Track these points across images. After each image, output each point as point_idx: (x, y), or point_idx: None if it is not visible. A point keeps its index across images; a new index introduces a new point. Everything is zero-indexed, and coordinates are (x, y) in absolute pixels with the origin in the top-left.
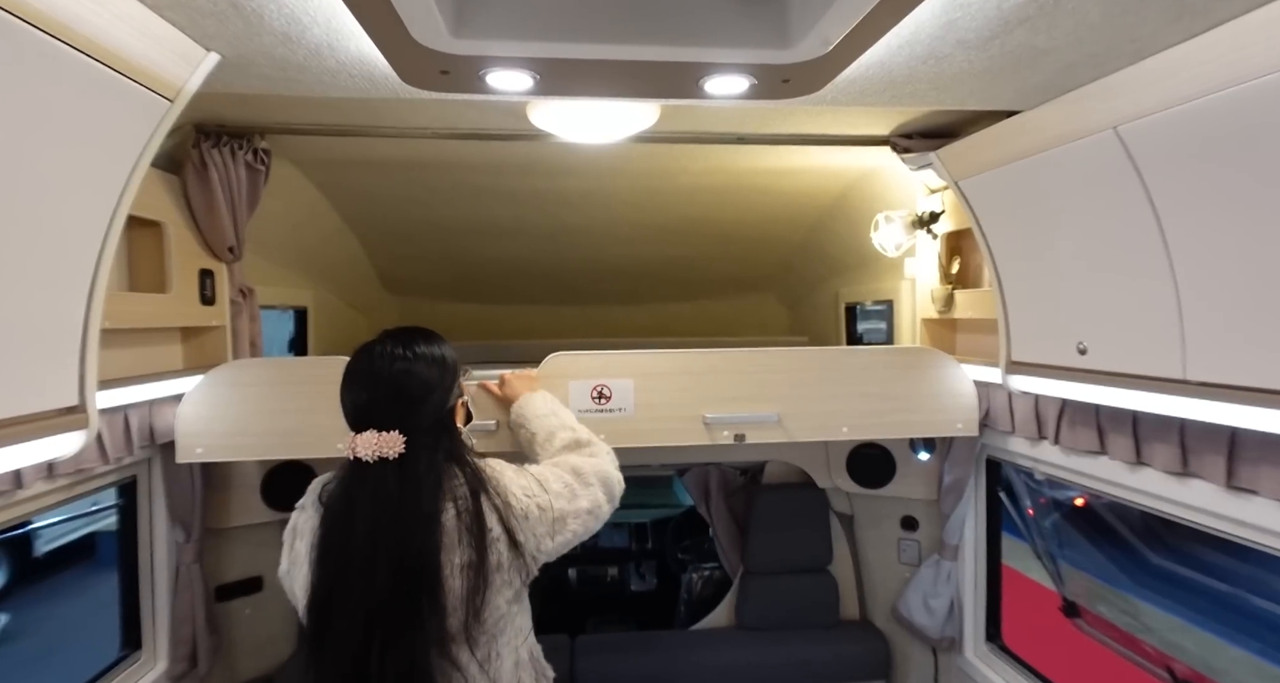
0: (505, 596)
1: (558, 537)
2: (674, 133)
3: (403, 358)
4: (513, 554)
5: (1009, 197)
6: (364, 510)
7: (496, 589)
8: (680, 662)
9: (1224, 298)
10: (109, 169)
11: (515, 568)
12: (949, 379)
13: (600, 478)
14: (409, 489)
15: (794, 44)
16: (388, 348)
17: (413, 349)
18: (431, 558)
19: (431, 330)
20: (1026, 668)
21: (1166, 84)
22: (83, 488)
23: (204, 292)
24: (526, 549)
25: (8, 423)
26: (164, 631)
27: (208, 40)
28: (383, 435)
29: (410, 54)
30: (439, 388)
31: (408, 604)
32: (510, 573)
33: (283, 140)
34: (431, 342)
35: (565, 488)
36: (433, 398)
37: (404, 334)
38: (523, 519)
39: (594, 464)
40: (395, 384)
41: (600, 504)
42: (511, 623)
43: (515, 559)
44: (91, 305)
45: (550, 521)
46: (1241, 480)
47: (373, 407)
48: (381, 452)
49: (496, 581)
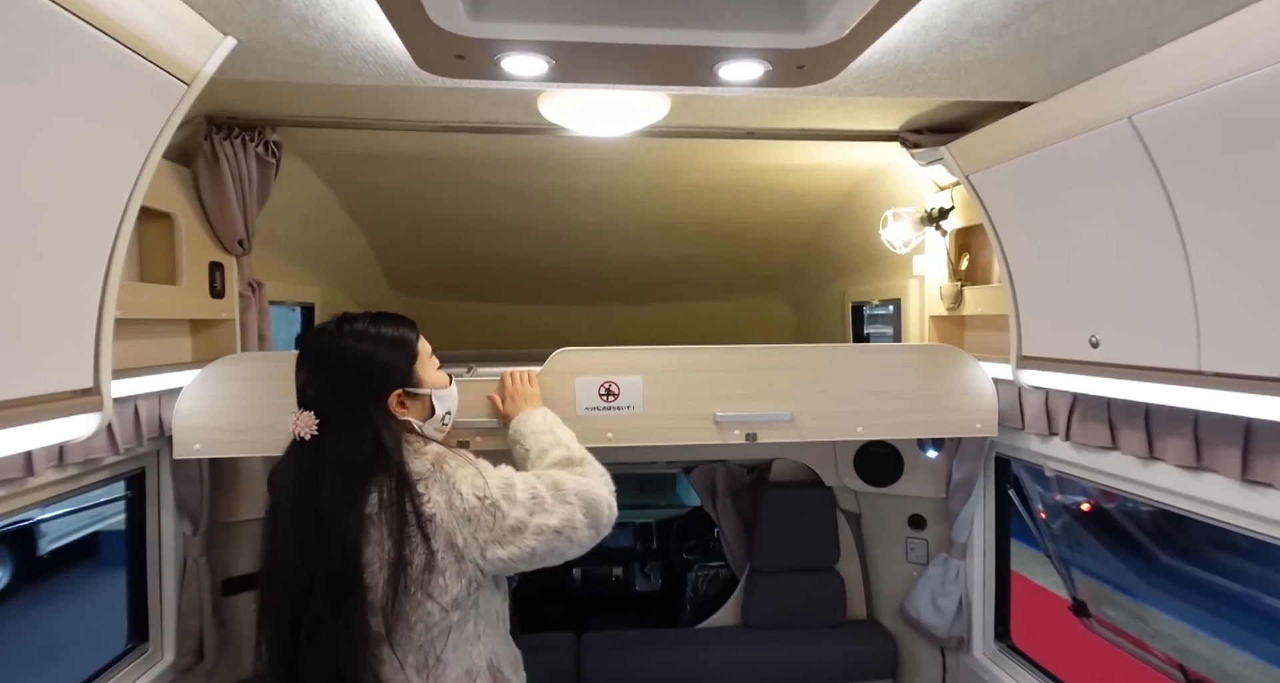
0: (442, 601)
1: (509, 547)
2: (683, 127)
3: (333, 335)
4: (451, 557)
5: (1021, 190)
6: (287, 489)
7: (430, 592)
8: (686, 660)
9: (1240, 287)
10: (126, 152)
11: (455, 573)
12: (967, 377)
13: (583, 498)
14: (324, 472)
15: (810, 28)
16: (329, 325)
17: (349, 327)
18: (349, 550)
19: (392, 315)
20: (1036, 668)
21: (1182, 72)
22: (92, 478)
23: (213, 284)
24: (468, 554)
25: (24, 403)
26: (171, 623)
27: (225, 23)
28: (302, 414)
29: (427, 37)
30: (367, 369)
31: (328, 596)
32: (449, 578)
33: (292, 134)
34: (379, 323)
35: (532, 498)
36: (357, 379)
37: (355, 315)
38: (463, 521)
39: (579, 483)
40: (319, 362)
41: (575, 525)
42: (459, 630)
43: (455, 563)
44: (107, 289)
45: (502, 528)
46: (1257, 474)
47: (300, 383)
48: (298, 431)
49: (430, 583)
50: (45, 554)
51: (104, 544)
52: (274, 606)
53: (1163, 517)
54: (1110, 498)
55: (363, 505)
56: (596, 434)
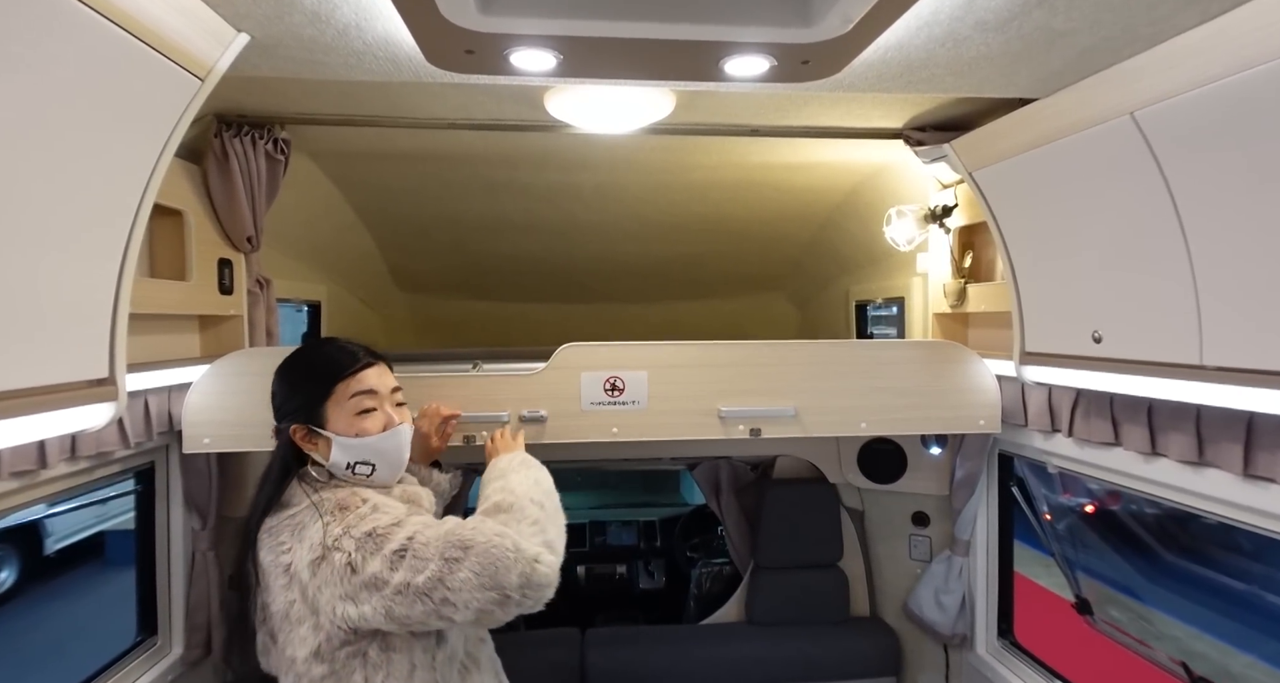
0: (301, 652)
1: (363, 607)
2: (688, 124)
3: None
4: (306, 608)
5: (1024, 186)
6: None
7: (290, 641)
8: (690, 656)
9: (1242, 282)
10: (141, 146)
11: (312, 626)
12: (970, 374)
13: (476, 551)
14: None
15: (815, 22)
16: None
17: (301, 350)
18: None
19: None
20: (1040, 665)
21: (1183, 68)
22: (103, 472)
23: (222, 281)
24: (320, 606)
25: (41, 392)
26: (179, 617)
27: (239, 20)
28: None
29: (437, 32)
30: (278, 395)
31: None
32: (306, 630)
33: (301, 132)
34: (314, 352)
35: (397, 551)
36: (274, 401)
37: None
38: (310, 571)
39: (480, 535)
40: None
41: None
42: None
43: (311, 615)
44: (122, 280)
45: (353, 583)
46: (1259, 468)
47: None
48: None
49: (290, 631)
50: (51, 554)
51: (109, 544)
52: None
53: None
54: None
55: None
56: (601, 429)
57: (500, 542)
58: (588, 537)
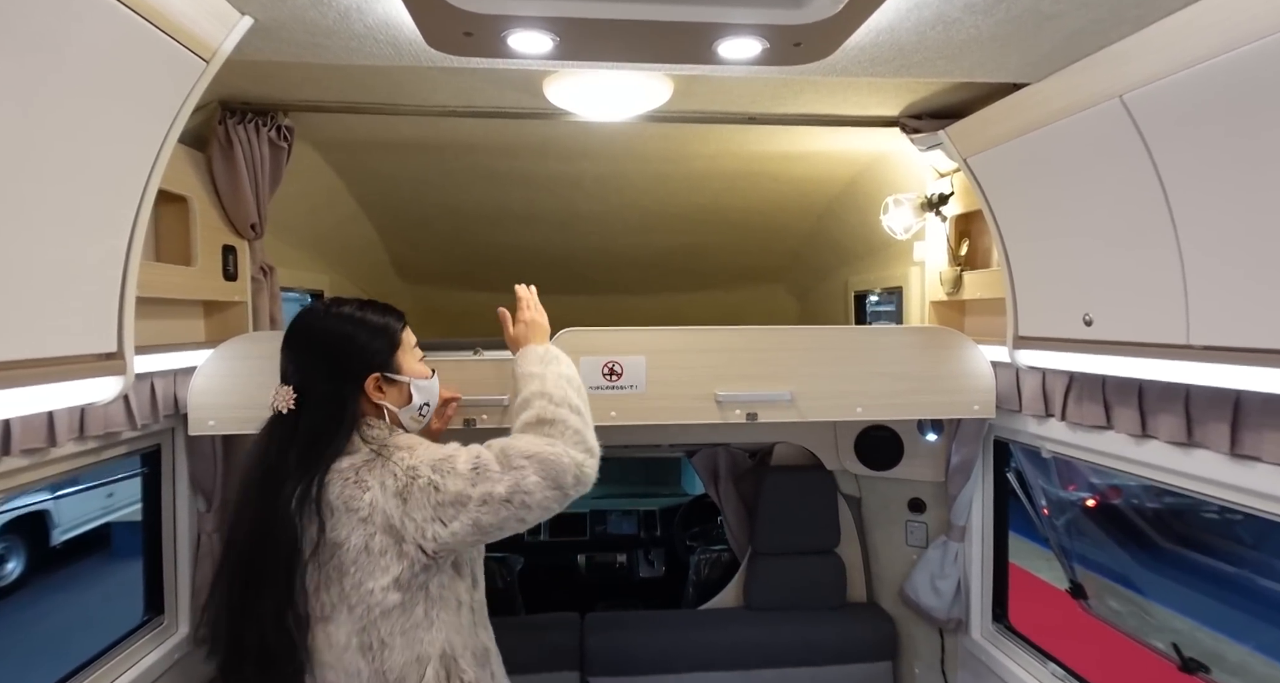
0: (381, 582)
1: (452, 523)
2: (686, 111)
3: (320, 314)
4: (389, 539)
5: (1017, 171)
6: (255, 462)
7: (369, 573)
8: (688, 640)
9: (1227, 262)
10: (148, 125)
11: (395, 554)
12: (965, 359)
13: (536, 460)
14: (292, 446)
15: (806, 3)
16: (318, 306)
17: (336, 308)
18: (296, 524)
19: (378, 303)
20: (1034, 648)
21: (1170, 50)
22: (110, 452)
23: (227, 267)
24: (406, 535)
25: (52, 362)
26: (185, 597)
27: (243, 3)
28: (281, 388)
29: (436, 14)
30: (348, 349)
31: (273, 564)
32: (388, 559)
33: (303, 120)
34: (365, 308)
35: (473, 469)
36: (338, 358)
37: (344, 299)
38: (399, 500)
39: (533, 446)
40: (304, 339)
41: (526, 488)
42: (404, 613)
43: (394, 545)
44: (129, 258)
45: (442, 503)
46: (1245, 448)
47: (283, 359)
48: (275, 404)
49: (369, 564)
50: (58, 545)
51: (115, 536)
52: (228, 567)
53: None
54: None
55: (318, 483)
56: (600, 413)
57: (553, 451)
58: (588, 526)
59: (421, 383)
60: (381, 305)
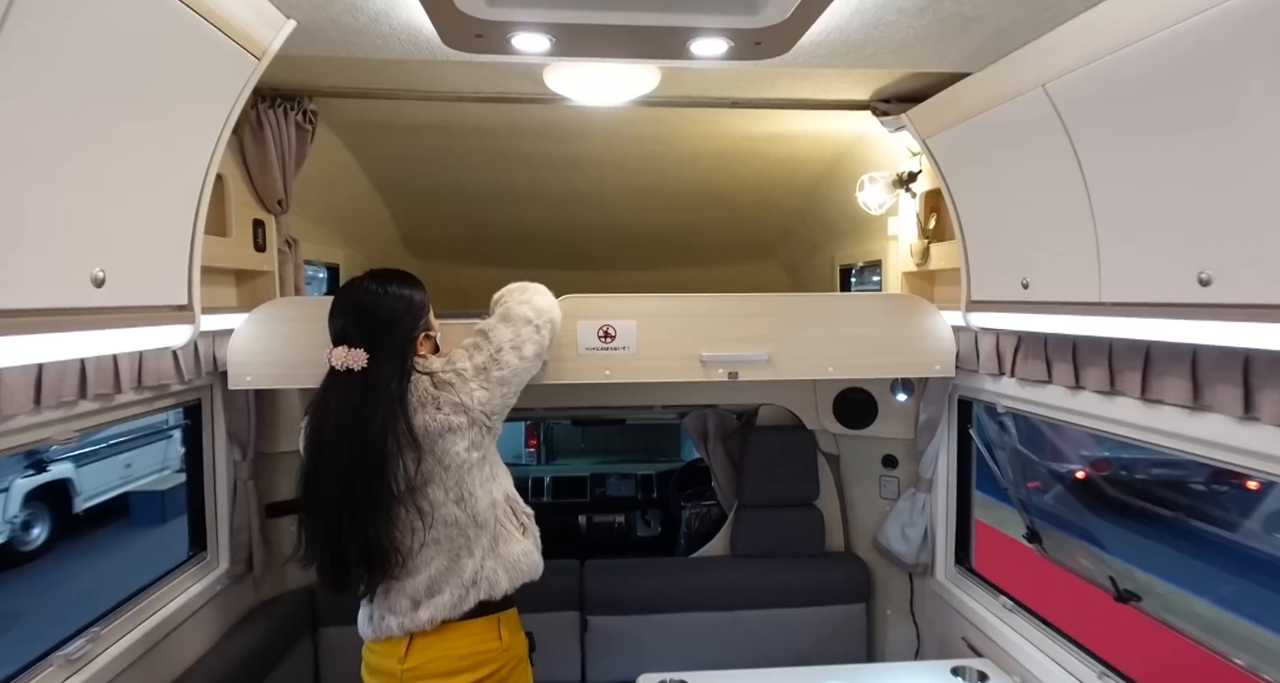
0: (460, 444)
1: (492, 387)
2: (673, 97)
3: (374, 293)
4: (461, 417)
5: (967, 152)
6: (333, 409)
7: (457, 437)
8: (679, 584)
9: (1131, 226)
10: (211, 110)
11: (468, 423)
12: (928, 324)
13: (506, 318)
14: (367, 396)
15: (759, 10)
16: (366, 283)
17: (385, 287)
18: (380, 448)
19: (410, 275)
20: (991, 586)
21: (1080, 45)
22: (161, 403)
23: (256, 239)
24: (471, 408)
25: (141, 310)
26: (225, 536)
27: (289, 8)
28: (351, 351)
29: (452, 20)
30: (403, 320)
31: (365, 488)
32: (466, 429)
33: (325, 104)
34: (405, 284)
35: (470, 347)
36: (397, 327)
37: (383, 274)
38: (451, 390)
39: (499, 312)
40: (366, 312)
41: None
42: (479, 469)
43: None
44: (196, 225)
45: (476, 378)
46: (1152, 393)
47: (345, 328)
48: (349, 363)
49: (456, 432)
50: (80, 512)
51: (134, 504)
52: (323, 498)
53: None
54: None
55: (397, 418)
56: (595, 372)
57: (515, 305)
58: (588, 488)
59: (438, 335)
60: (412, 277)
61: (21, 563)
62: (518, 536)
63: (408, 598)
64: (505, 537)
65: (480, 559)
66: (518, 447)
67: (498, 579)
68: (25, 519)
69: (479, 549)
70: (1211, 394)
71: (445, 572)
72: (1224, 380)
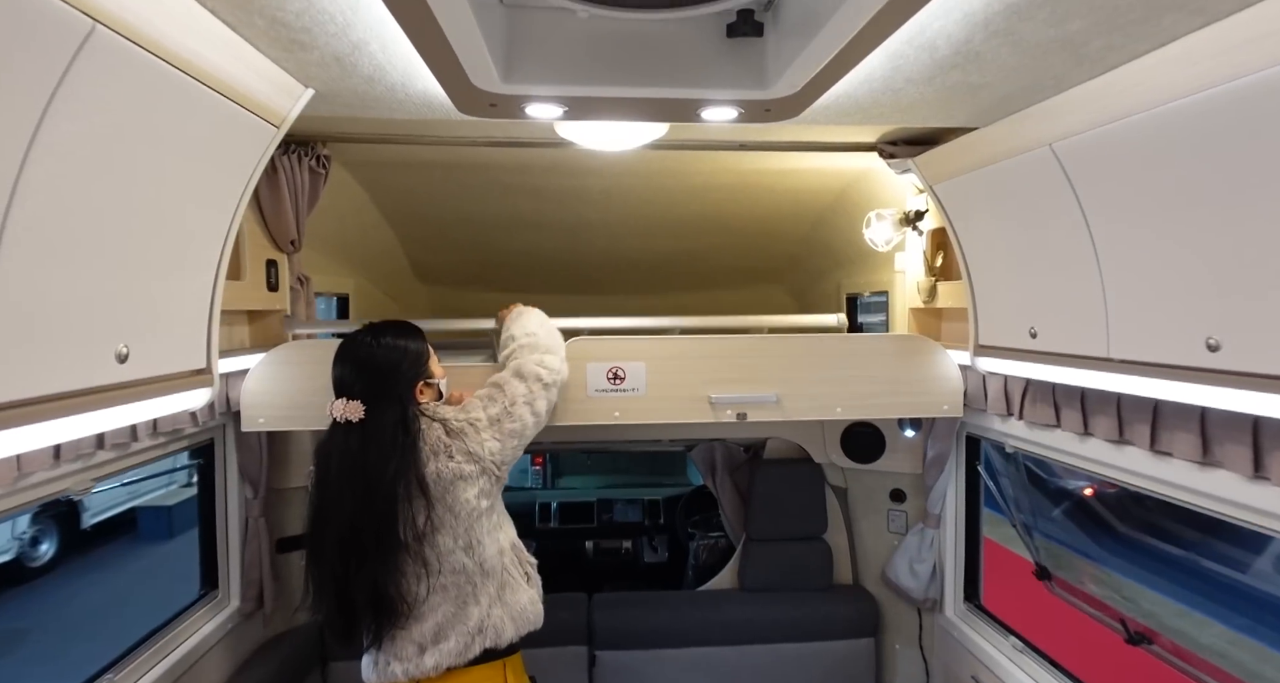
0: (470, 492)
1: (504, 438)
2: (682, 141)
3: (369, 345)
4: (473, 465)
5: (973, 200)
6: (335, 460)
7: (468, 486)
8: (687, 618)
9: (1139, 289)
10: (231, 180)
11: (477, 472)
12: (936, 364)
13: (517, 374)
14: (368, 445)
15: (770, 85)
16: (362, 336)
17: (379, 339)
18: (390, 497)
19: (407, 324)
20: (1001, 625)
21: (1086, 110)
22: (175, 446)
23: (269, 279)
24: (483, 457)
25: (162, 379)
26: (236, 574)
27: (308, 80)
28: (349, 403)
29: (467, 93)
30: (399, 370)
31: (372, 538)
32: (476, 478)
33: (339, 147)
34: (400, 335)
35: (485, 398)
36: (393, 377)
37: (379, 326)
38: (463, 439)
39: (512, 367)
40: (362, 364)
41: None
42: (487, 517)
43: (476, 468)
44: (215, 289)
45: (489, 429)
46: (1161, 445)
47: (344, 379)
48: (347, 415)
49: (466, 480)
50: (88, 528)
51: (141, 520)
52: (328, 548)
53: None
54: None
55: (409, 466)
56: (605, 413)
57: (520, 365)
58: (595, 514)
59: (444, 381)
60: (410, 327)
61: (29, 579)
62: (523, 584)
63: (414, 644)
64: (512, 586)
65: (487, 607)
66: (524, 464)
67: (504, 628)
68: (33, 535)
69: (485, 597)
70: (1221, 452)
71: (451, 619)
72: (1233, 440)
